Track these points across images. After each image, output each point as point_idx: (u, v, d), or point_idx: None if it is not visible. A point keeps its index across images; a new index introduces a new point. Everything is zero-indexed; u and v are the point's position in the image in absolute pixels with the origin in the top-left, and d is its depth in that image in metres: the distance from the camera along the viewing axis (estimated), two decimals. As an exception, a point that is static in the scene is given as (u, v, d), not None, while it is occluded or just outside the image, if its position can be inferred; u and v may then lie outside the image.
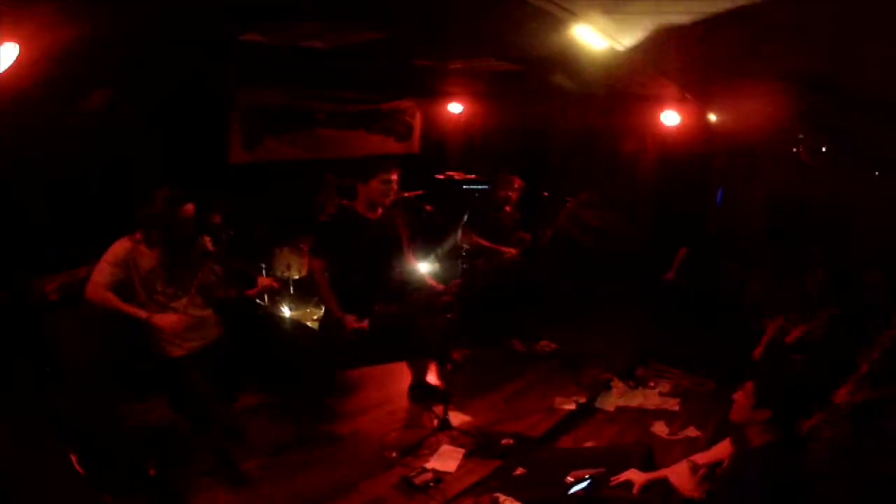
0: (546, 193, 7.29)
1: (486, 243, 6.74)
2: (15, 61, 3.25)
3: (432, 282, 5.34)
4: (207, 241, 4.31)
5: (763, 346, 5.43)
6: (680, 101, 6.70)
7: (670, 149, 7.72)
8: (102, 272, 3.84)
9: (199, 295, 4.17)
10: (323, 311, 5.13)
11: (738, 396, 3.30)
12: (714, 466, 3.58)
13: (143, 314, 3.85)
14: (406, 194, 5.18)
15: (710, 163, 7.86)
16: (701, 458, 3.64)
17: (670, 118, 7.00)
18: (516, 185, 6.90)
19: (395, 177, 4.80)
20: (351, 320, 4.65)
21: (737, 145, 7.31)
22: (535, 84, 7.34)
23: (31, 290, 4.39)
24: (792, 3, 3.41)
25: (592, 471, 3.72)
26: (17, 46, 3.20)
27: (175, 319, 3.92)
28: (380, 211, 4.85)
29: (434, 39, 5.72)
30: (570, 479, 3.73)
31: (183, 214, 3.96)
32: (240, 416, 4.69)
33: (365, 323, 4.68)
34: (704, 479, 3.50)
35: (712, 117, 6.90)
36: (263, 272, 6.22)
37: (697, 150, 7.58)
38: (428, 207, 5.71)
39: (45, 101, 4.26)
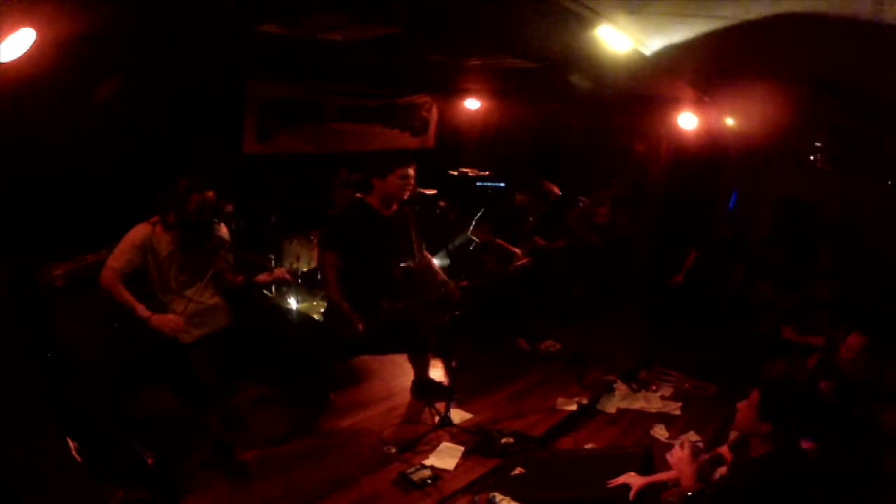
0: (559, 192, 7.26)
1: (498, 241, 6.72)
2: (31, 47, 3.26)
3: (443, 277, 5.32)
4: (224, 230, 4.35)
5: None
6: (696, 104, 6.66)
7: (684, 151, 7.68)
8: (119, 257, 3.86)
9: (211, 283, 4.20)
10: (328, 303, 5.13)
11: (742, 406, 3.25)
12: (714, 461, 3.55)
13: (145, 313, 3.84)
14: (422, 191, 5.16)
15: (723, 166, 7.81)
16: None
17: (686, 120, 6.96)
18: (553, 197, 6.81)
19: (412, 172, 4.74)
20: (356, 317, 4.61)
21: (751, 149, 7.26)
22: (554, 83, 7.30)
23: (37, 276, 4.43)
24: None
25: None
26: (33, 32, 3.21)
27: (173, 320, 3.91)
28: (394, 207, 4.81)
29: (452, 35, 5.70)
30: None
31: (203, 200, 4.00)
32: (241, 408, 4.73)
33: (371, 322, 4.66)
34: (703, 470, 3.45)
35: (728, 121, 6.85)
36: (272, 263, 6.26)
37: (711, 153, 7.54)
38: (441, 203, 5.72)
39: (58, 88, 4.28)
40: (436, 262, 5.54)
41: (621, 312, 7.42)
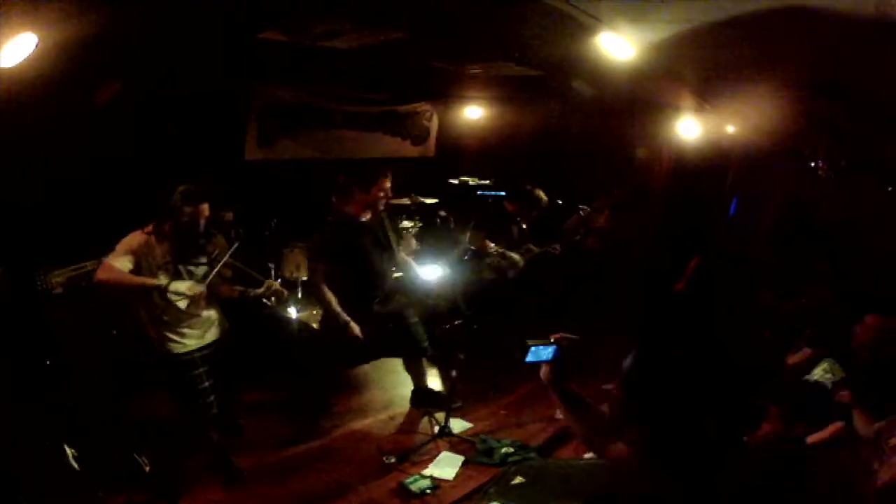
0: (560, 202, 7.25)
1: (493, 247, 6.70)
2: (33, 52, 3.25)
3: (436, 284, 5.33)
4: (222, 242, 4.30)
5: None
6: (696, 110, 6.65)
7: (685, 157, 7.67)
8: (115, 257, 3.82)
9: (207, 295, 4.15)
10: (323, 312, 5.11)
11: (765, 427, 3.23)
12: None
13: (159, 282, 3.86)
14: (423, 200, 5.20)
15: (724, 172, 7.79)
16: None
17: (686, 127, 6.95)
18: (543, 205, 6.81)
19: (389, 185, 4.90)
20: (354, 325, 4.67)
21: (752, 154, 7.24)
22: (555, 90, 7.29)
23: (37, 282, 4.40)
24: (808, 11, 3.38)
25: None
26: (35, 37, 3.20)
27: (191, 285, 3.97)
28: (371, 213, 4.94)
29: (454, 42, 5.70)
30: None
31: (197, 212, 3.96)
32: (240, 414, 4.71)
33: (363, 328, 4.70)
34: None
35: (729, 127, 6.85)
36: (272, 272, 6.23)
37: (712, 159, 7.52)
38: (442, 212, 5.74)
39: (60, 92, 4.26)
40: (436, 270, 5.55)
41: (623, 319, 7.37)
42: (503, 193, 8.30)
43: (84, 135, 4.90)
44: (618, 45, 4.47)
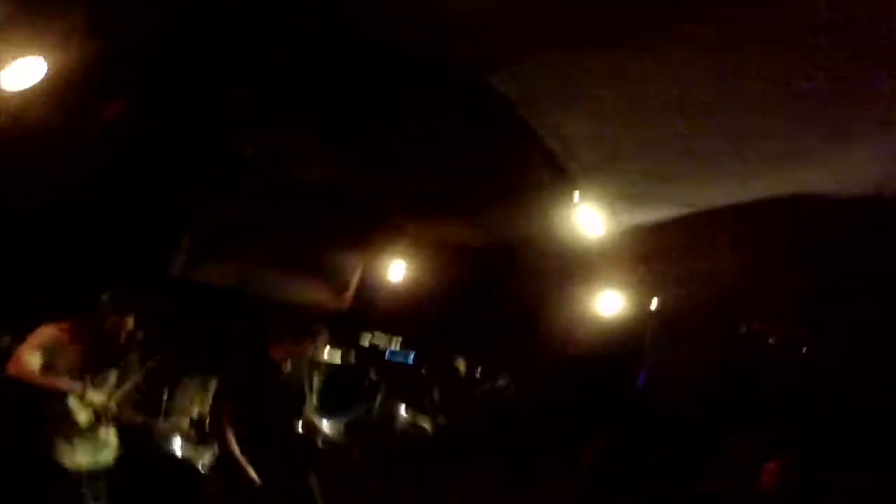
0: (480, 368, 7.19)
1: (405, 411, 6.47)
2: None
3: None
4: (134, 360, 4.21)
5: None
6: (631, 285, 6.84)
7: (602, 328, 7.73)
8: (28, 350, 3.72)
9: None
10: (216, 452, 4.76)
11: None
12: None
13: (74, 387, 3.75)
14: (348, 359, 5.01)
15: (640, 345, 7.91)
16: None
17: (610, 301, 7.12)
18: (457, 372, 6.75)
19: (321, 341, 4.96)
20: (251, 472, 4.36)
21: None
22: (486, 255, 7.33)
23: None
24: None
25: None
26: (43, 61, 3.11)
27: (104, 400, 3.87)
28: (290, 363, 4.78)
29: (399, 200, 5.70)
30: None
31: (122, 323, 3.97)
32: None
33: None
34: None
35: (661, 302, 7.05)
36: (164, 401, 5.68)
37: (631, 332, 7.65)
38: (370, 373, 5.61)
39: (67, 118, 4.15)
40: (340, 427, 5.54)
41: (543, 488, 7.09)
42: (411, 360, 8.16)
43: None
44: (587, 219, 4.56)
